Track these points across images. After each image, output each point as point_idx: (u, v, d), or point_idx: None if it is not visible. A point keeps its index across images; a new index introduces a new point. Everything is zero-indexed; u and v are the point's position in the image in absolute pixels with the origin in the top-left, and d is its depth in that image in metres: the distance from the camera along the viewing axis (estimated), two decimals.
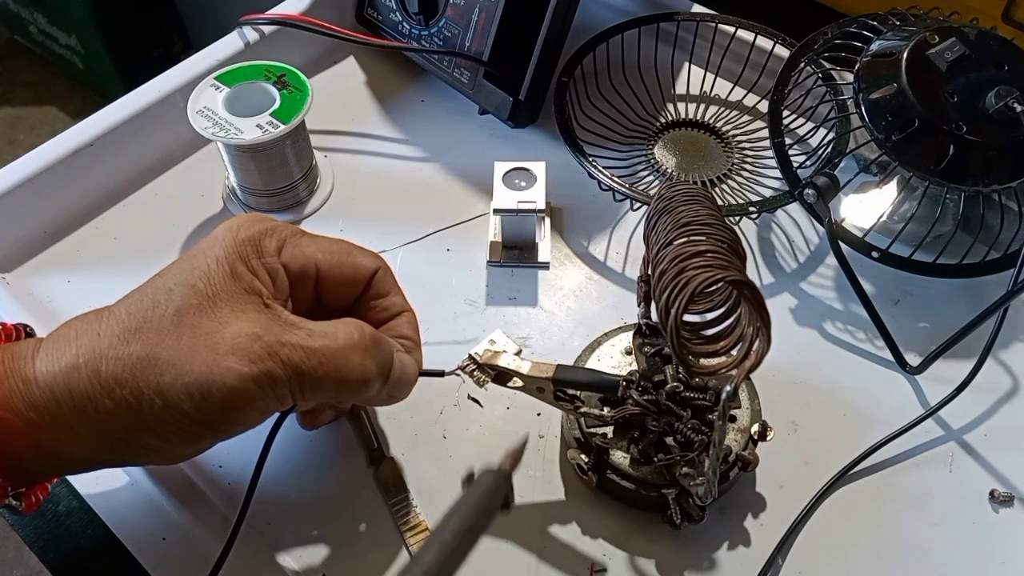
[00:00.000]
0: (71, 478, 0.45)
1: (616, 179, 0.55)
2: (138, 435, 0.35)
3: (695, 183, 0.57)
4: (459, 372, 0.43)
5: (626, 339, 0.47)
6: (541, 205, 0.53)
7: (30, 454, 0.35)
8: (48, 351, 0.35)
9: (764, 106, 0.61)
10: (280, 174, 0.56)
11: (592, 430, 0.43)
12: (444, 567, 0.32)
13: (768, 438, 0.43)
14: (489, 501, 0.36)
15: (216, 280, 0.37)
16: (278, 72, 0.55)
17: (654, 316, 0.40)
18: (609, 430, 0.43)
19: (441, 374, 0.43)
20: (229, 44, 0.63)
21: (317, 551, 0.43)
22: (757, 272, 0.55)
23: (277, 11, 0.65)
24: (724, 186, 0.59)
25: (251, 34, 0.63)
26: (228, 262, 0.37)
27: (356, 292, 0.43)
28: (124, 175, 0.59)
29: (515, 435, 0.47)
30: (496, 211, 0.54)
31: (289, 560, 0.43)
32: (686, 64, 0.66)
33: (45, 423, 0.34)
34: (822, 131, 0.57)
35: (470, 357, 0.42)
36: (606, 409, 0.43)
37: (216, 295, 0.36)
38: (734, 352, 0.37)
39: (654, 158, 0.60)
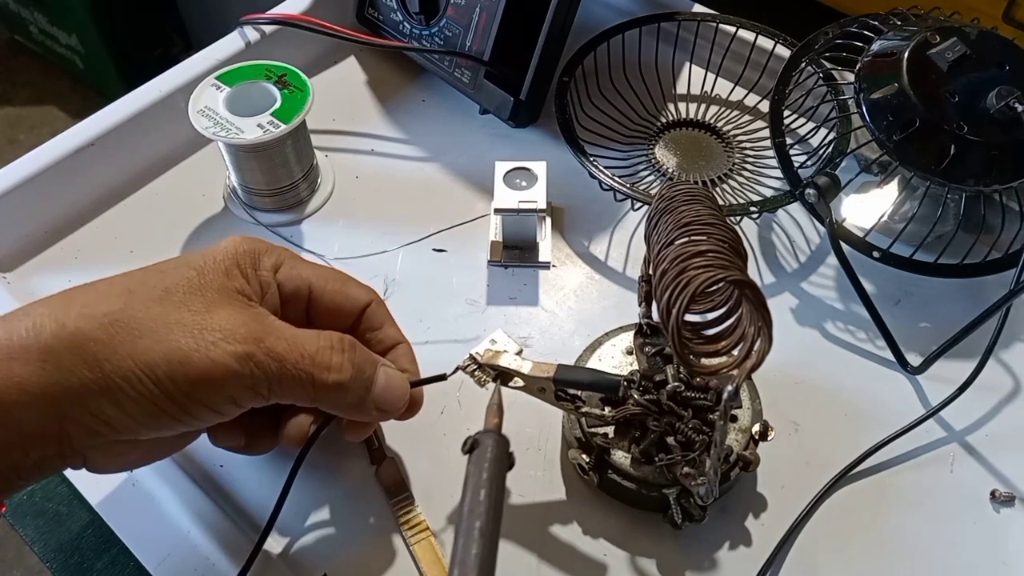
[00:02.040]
0: (71, 477, 0.45)
1: (617, 179, 0.55)
2: (94, 399, 0.33)
3: (696, 183, 0.57)
4: (459, 370, 0.42)
5: (627, 339, 0.47)
6: (542, 205, 0.53)
7: None
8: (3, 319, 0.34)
9: (765, 106, 0.61)
10: (281, 174, 0.56)
11: (593, 430, 0.43)
12: (490, 556, 0.32)
13: (769, 438, 0.43)
14: (500, 467, 0.36)
15: (210, 273, 0.37)
16: (279, 72, 0.55)
17: (655, 316, 0.40)
18: (610, 430, 0.43)
19: (443, 378, 0.43)
20: (230, 44, 0.63)
21: (318, 551, 0.43)
22: (758, 272, 0.55)
23: (278, 11, 0.65)
24: (725, 186, 0.59)
25: (252, 34, 0.63)
26: (224, 264, 0.38)
27: (347, 323, 0.43)
28: (124, 175, 0.59)
29: (515, 436, 0.47)
30: (497, 211, 0.54)
31: (290, 559, 0.43)
32: (687, 64, 0.66)
33: None
34: (823, 131, 0.57)
35: (471, 357, 0.42)
36: (607, 409, 0.43)
37: (207, 284, 0.37)
38: (735, 352, 0.37)
39: (655, 158, 0.60)
